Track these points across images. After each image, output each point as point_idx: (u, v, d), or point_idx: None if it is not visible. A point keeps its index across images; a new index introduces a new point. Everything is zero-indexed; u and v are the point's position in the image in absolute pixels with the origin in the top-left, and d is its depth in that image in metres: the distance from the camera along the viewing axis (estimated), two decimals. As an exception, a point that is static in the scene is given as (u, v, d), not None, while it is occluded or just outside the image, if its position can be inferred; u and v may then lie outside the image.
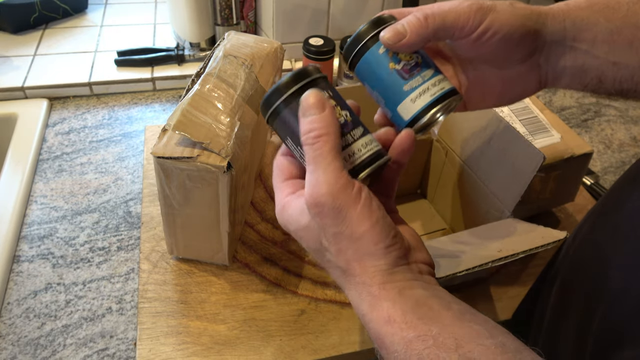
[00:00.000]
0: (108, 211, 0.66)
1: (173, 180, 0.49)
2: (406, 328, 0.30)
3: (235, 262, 0.58)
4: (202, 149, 0.47)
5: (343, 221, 0.32)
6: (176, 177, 0.49)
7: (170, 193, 0.50)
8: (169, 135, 0.49)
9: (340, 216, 0.31)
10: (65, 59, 0.88)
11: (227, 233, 0.53)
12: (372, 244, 0.32)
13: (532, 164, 0.51)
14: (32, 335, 0.53)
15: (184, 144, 0.48)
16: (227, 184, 0.48)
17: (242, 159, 0.50)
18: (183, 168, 0.48)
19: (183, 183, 0.49)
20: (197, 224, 0.53)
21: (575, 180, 0.63)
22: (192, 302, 0.54)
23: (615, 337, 0.36)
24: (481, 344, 0.29)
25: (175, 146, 0.48)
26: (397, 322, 0.31)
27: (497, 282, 0.59)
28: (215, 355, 0.50)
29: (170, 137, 0.49)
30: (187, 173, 0.48)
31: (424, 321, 0.30)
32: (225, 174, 0.47)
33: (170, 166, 0.48)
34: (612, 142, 0.86)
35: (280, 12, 0.86)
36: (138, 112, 0.82)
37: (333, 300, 0.56)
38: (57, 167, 0.72)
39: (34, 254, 0.60)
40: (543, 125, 0.61)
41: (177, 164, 0.47)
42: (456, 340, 0.29)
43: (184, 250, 0.57)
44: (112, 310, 0.55)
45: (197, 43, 0.91)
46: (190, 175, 0.48)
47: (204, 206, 0.51)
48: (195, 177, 0.48)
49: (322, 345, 0.51)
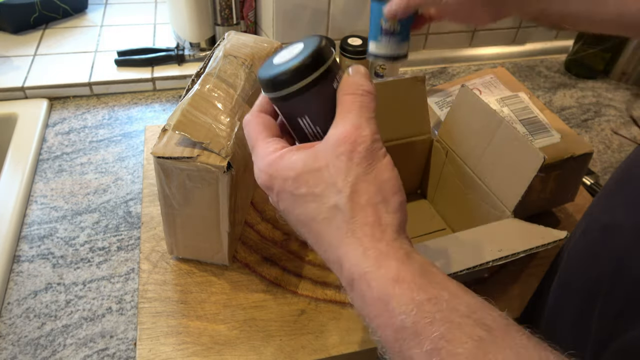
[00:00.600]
0: (108, 211, 0.66)
1: (173, 180, 0.49)
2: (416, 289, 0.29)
3: (235, 262, 0.58)
4: (202, 148, 0.47)
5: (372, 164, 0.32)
6: (176, 177, 0.49)
7: (170, 193, 0.50)
8: (169, 135, 0.49)
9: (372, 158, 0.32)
10: (65, 59, 0.88)
11: (227, 233, 0.53)
12: (391, 193, 0.32)
13: (532, 164, 0.51)
14: (32, 335, 0.53)
15: (184, 144, 0.48)
16: (227, 183, 0.48)
17: (242, 158, 0.50)
18: (183, 168, 0.48)
19: (183, 183, 0.49)
20: (197, 224, 0.53)
21: (575, 180, 0.64)
22: (192, 302, 0.54)
23: (618, 320, 0.36)
24: (491, 313, 0.29)
25: (175, 146, 0.48)
26: (407, 282, 0.29)
27: (497, 282, 0.59)
28: (215, 355, 0.50)
29: (170, 137, 0.49)
30: (187, 173, 0.48)
31: (433, 285, 0.29)
32: (225, 173, 0.47)
33: (170, 166, 0.48)
34: (612, 142, 0.86)
35: (280, 12, 0.86)
36: (138, 112, 0.82)
37: (333, 300, 0.56)
38: (57, 167, 0.72)
39: (34, 254, 0.60)
40: (543, 125, 0.61)
41: (177, 164, 0.47)
42: (468, 307, 0.29)
43: (184, 250, 0.57)
44: (112, 310, 0.55)
45: (197, 43, 0.91)
46: (190, 175, 0.48)
47: (204, 206, 0.51)
48: (195, 177, 0.48)
49: (322, 345, 0.51)
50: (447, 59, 1.01)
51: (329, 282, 0.57)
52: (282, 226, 0.63)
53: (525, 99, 0.64)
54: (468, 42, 1.02)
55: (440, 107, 0.67)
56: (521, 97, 0.65)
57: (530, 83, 0.98)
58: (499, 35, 1.03)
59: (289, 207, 0.35)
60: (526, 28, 1.03)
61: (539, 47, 1.06)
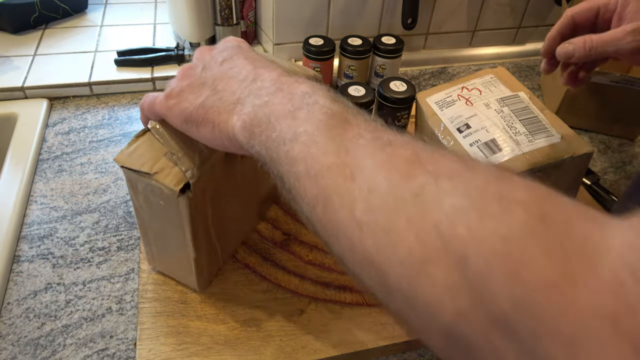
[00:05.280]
0: (108, 211, 0.66)
1: (139, 192, 0.46)
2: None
3: (235, 262, 0.58)
4: (173, 160, 0.43)
5: None
6: (141, 189, 0.45)
7: (138, 204, 0.47)
8: (144, 139, 0.45)
9: None
10: (65, 59, 0.88)
11: (192, 259, 0.49)
12: None
13: None
14: (32, 335, 0.53)
15: (153, 152, 0.43)
16: (185, 206, 0.43)
17: (222, 186, 0.47)
18: (145, 181, 0.44)
19: (148, 196, 0.45)
20: (167, 242, 0.50)
21: (575, 180, 0.63)
22: (192, 302, 0.54)
23: None
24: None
25: (142, 154, 0.43)
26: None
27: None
28: (215, 355, 0.50)
29: (143, 141, 0.44)
30: (149, 187, 0.44)
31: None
32: (182, 197, 0.42)
33: (133, 177, 0.44)
34: (612, 142, 0.86)
35: (280, 12, 0.86)
36: (138, 112, 0.82)
37: (333, 300, 0.56)
38: (57, 167, 0.72)
39: (34, 254, 0.60)
40: (543, 125, 0.61)
41: (139, 176, 0.43)
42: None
43: (160, 264, 0.55)
44: (112, 310, 0.55)
45: (197, 43, 0.91)
46: (152, 190, 0.44)
47: (169, 224, 0.47)
48: (157, 193, 0.44)
49: (322, 345, 0.51)
50: (447, 59, 1.01)
51: (329, 282, 0.57)
52: (282, 226, 0.63)
53: (525, 99, 0.64)
54: (468, 42, 1.02)
55: (440, 107, 0.67)
56: (521, 97, 0.65)
57: (530, 83, 0.98)
58: (499, 35, 1.03)
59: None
60: (526, 28, 1.03)
61: (539, 47, 1.05)
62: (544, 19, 1.03)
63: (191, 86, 0.39)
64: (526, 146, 0.58)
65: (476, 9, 0.97)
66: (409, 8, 0.87)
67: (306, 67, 0.56)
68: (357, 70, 0.86)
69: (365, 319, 0.54)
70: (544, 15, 1.02)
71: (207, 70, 0.40)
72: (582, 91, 0.81)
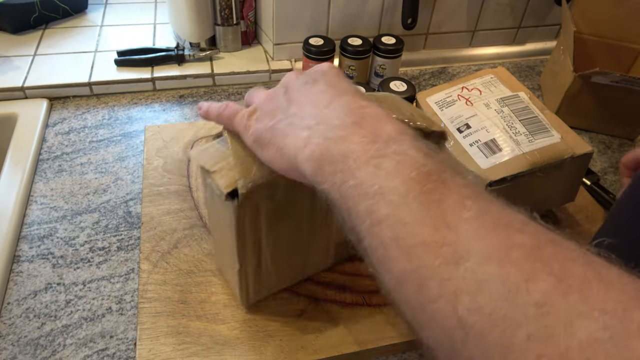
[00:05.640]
0: (108, 211, 0.66)
1: (207, 186, 0.46)
2: None
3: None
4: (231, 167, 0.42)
5: None
6: (208, 184, 0.45)
7: (206, 198, 0.48)
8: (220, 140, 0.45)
9: None
10: (65, 59, 0.88)
11: (236, 271, 0.48)
12: None
13: None
14: (32, 335, 0.53)
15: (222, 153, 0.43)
16: (233, 213, 0.42)
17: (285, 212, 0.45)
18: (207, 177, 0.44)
19: (212, 192, 0.45)
20: (221, 245, 0.50)
21: (575, 180, 0.63)
22: (192, 302, 0.54)
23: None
24: None
25: (212, 153, 0.44)
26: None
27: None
28: (215, 355, 0.50)
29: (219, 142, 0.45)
30: (210, 184, 0.44)
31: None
32: (230, 201, 0.41)
33: (202, 171, 0.45)
34: (612, 142, 0.86)
35: (281, 12, 0.86)
36: (138, 112, 0.82)
37: (333, 300, 0.56)
38: (57, 167, 0.72)
39: (34, 254, 0.60)
40: (543, 125, 0.61)
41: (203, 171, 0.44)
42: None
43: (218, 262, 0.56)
44: (112, 310, 0.55)
45: (197, 43, 0.91)
46: (212, 188, 0.44)
47: (223, 224, 0.47)
48: (214, 191, 0.44)
49: (322, 345, 0.51)
50: (447, 59, 1.01)
51: (329, 282, 0.57)
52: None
53: (525, 99, 0.64)
54: (468, 42, 1.02)
55: (440, 107, 0.67)
56: (521, 97, 0.65)
57: (530, 83, 0.98)
58: (499, 35, 1.03)
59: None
60: (526, 28, 1.03)
61: (539, 47, 1.06)
62: (544, 19, 1.03)
63: (269, 109, 0.39)
64: (526, 146, 0.58)
65: (476, 9, 0.97)
66: (409, 8, 0.87)
67: (431, 119, 0.51)
68: (357, 70, 0.86)
69: (365, 319, 0.54)
70: (544, 15, 1.02)
71: (287, 94, 0.39)
72: (582, 91, 0.81)
